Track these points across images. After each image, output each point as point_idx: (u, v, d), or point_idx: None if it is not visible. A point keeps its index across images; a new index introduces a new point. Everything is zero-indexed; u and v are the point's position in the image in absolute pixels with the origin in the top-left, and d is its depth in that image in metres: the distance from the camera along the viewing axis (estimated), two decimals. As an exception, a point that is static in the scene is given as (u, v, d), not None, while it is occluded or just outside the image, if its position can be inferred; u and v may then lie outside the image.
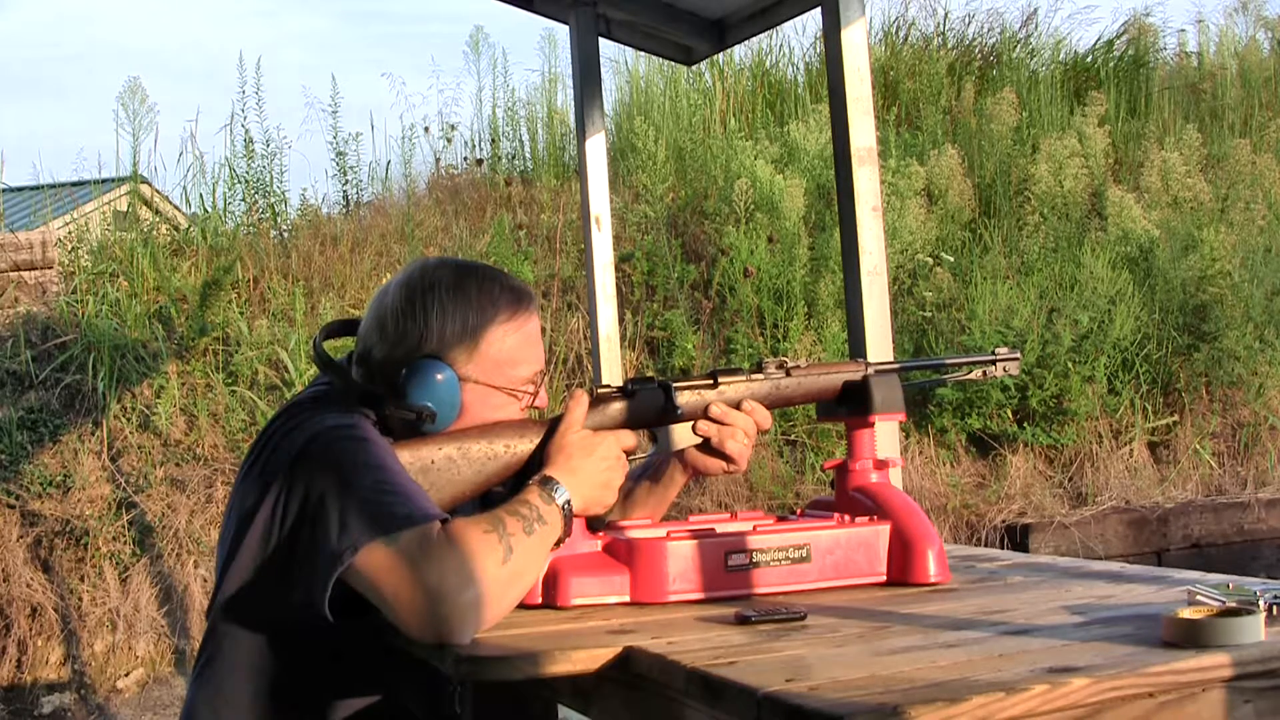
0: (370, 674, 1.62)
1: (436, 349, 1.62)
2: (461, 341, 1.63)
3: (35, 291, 6.07)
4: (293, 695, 1.58)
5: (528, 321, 1.69)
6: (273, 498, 1.50)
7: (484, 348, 1.64)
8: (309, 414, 1.59)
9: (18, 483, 5.27)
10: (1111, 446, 5.96)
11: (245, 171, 7.26)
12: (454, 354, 1.63)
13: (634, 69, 7.91)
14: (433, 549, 1.41)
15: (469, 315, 1.64)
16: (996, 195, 7.01)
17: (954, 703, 0.99)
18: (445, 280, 1.66)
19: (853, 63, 2.62)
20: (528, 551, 1.48)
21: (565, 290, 6.53)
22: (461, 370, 1.63)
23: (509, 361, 1.66)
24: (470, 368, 1.63)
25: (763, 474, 5.76)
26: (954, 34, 8.54)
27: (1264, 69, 8.49)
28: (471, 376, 1.63)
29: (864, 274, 2.58)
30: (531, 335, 1.70)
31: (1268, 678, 1.13)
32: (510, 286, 1.69)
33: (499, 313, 1.66)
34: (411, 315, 1.63)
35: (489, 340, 1.64)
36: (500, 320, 1.65)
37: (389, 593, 1.42)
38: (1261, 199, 6.91)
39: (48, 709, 4.87)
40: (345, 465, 1.49)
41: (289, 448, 1.53)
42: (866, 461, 1.74)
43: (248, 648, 1.57)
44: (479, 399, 1.65)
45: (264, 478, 1.53)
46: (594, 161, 3.37)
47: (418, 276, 1.67)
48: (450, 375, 1.62)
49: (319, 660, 1.57)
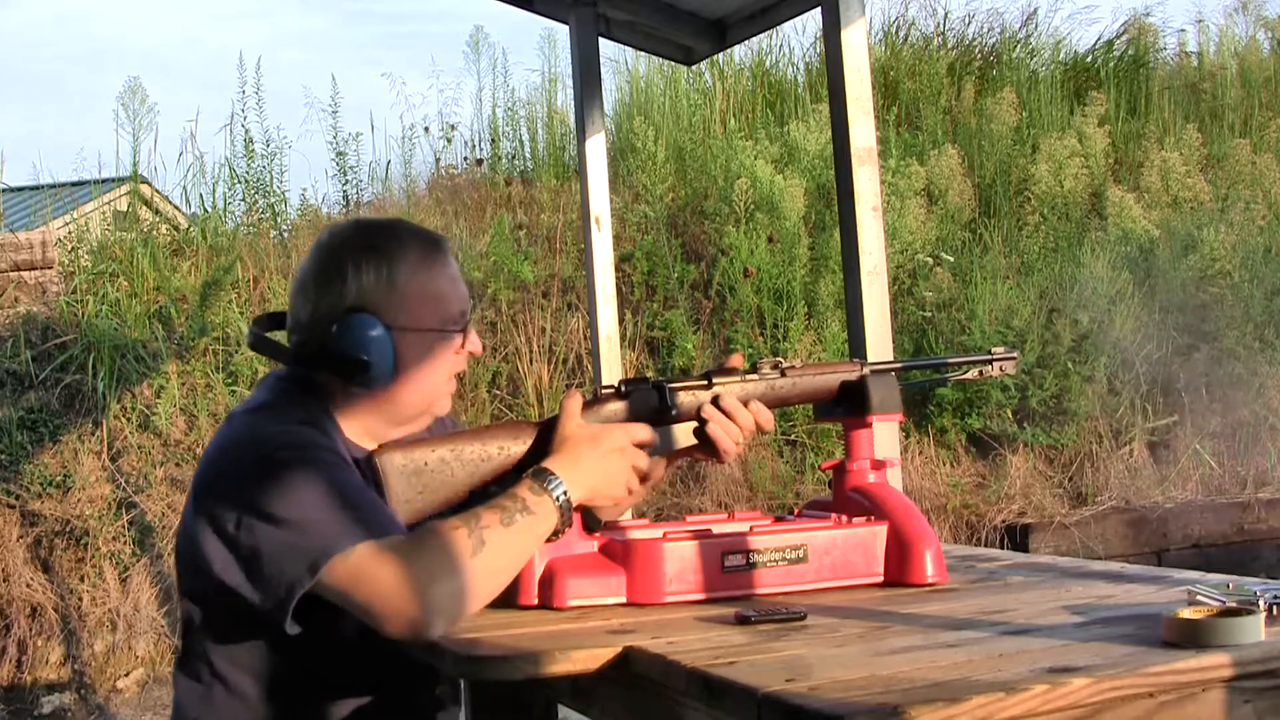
0: (358, 674, 1.62)
1: (358, 302, 1.61)
2: (380, 289, 1.62)
3: (35, 291, 6.06)
4: (283, 695, 1.59)
5: (443, 263, 1.68)
6: (220, 523, 1.50)
7: (403, 289, 1.63)
8: (252, 426, 1.58)
9: (18, 483, 5.27)
10: (1111, 446, 5.96)
11: (245, 171, 7.26)
12: (376, 304, 1.62)
13: (634, 69, 7.92)
14: (399, 550, 1.43)
15: (382, 264, 1.63)
16: (996, 195, 7.01)
17: (954, 703, 0.99)
18: (353, 237, 1.67)
19: (853, 63, 2.62)
20: (505, 544, 1.47)
21: (565, 290, 6.53)
22: (387, 319, 1.61)
23: (433, 299, 1.65)
24: (395, 315, 1.62)
25: (762, 474, 5.76)
26: (954, 34, 8.55)
27: (1264, 69, 8.49)
28: (398, 323, 1.62)
29: (864, 274, 2.58)
30: (451, 275, 1.69)
31: (1268, 678, 1.13)
32: (418, 232, 1.71)
33: (410, 254, 1.65)
34: (328, 275, 1.63)
35: (406, 281, 1.63)
36: (413, 261, 1.65)
37: (360, 600, 1.43)
38: (1261, 199, 6.91)
39: (48, 709, 4.87)
40: (294, 483, 1.48)
41: (229, 470, 1.53)
42: (864, 462, 1.73)
43: (229, 654, 1.58)
44: (412, 347, 1.63)
45: (208, 498, 1.53)
46: (594, 161, 3.37)
47: (326, 239, 1.68)
48: (377, 324, 1.60)
49: (308, 661, 1.57)
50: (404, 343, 1.62)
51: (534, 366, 6.17)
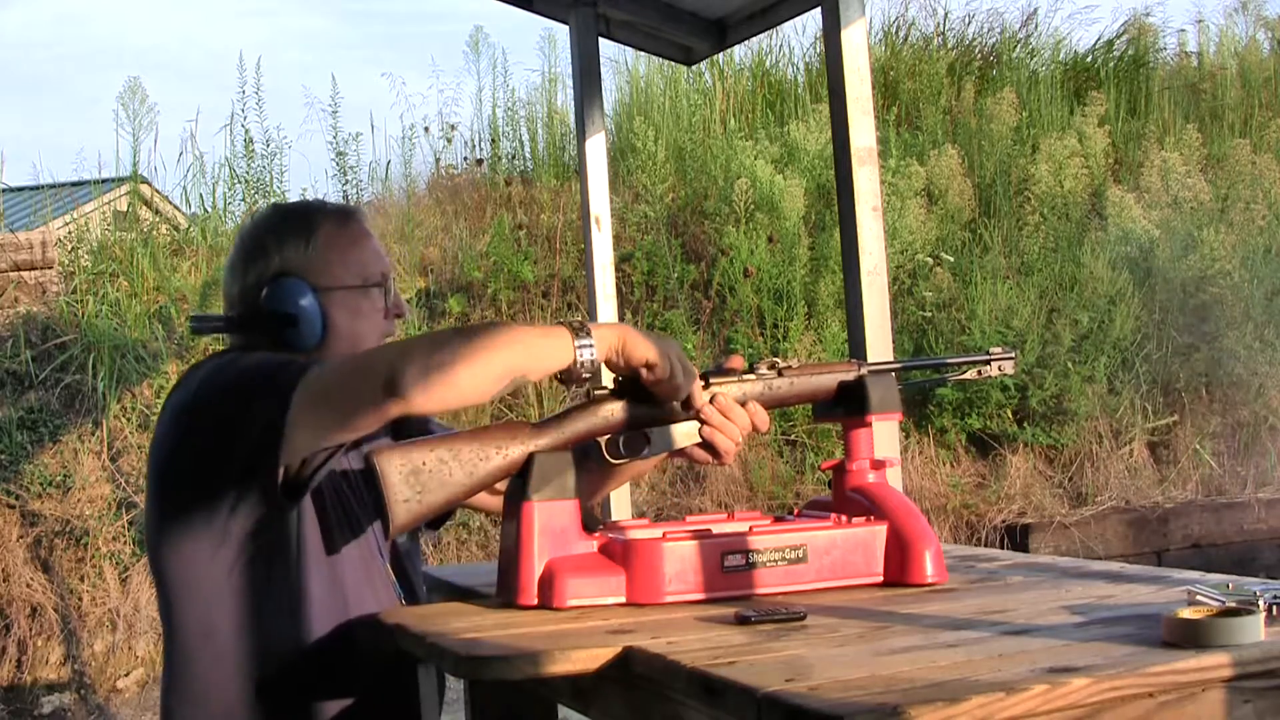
0: (346, 676, 1.62)
1: (282, 268, 1.71)
2: (301, 255, 1.71)
3: (35, 291, 6.07)
4: (269, 697, 1.59)
5: (358, 229, 1.78)
6: (190, 434, 1.60)
7: (323, 252, 1.72)
8: (193, 368, 1.68)
9: (18, 483, 5.27)
10: (1111, 446, 5.96)
11: (245, 171, 7.27)
12: (300, 268, 1.71)
13: (634, 69, 7.91)
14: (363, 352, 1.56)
15: (301, 234, 1.73)
16: (996, 195, 7.01)
17: (954, 703, 0.99)
18: (273, 217, 1.78)
19: (853, 63, 2.63)
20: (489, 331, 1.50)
21: (565, 290, 6.53)
22: (311, 280, 1.70)
23: (353, 259, 1.74)
24: (318, 276, 1.71)
25: (763, 474, 5.76)
26: (954, 34, 8.55)
27: (1264, 69, 8.49)
28: (321, 283, 1.71)
29: (864, 274, 2.58)
30: (367, 240, 1.78)
31: (1268, 678, 1.13)
32: (332, 206, 1.81)
33: (326, 223, 1.75)
34: (253, 253, 1.74)
35: (325, 245, 1.73)
36: (329, 228, 1.75)
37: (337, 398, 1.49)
38: (1261, 199, 6.91)
39: (48, 709, 4.87)
40: (244, 370, 1.59)
41: (184, 400, 1.64)
42: (863, 462, 1.73)
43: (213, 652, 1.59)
44: (340, 306, 1.71)
45: (173, 412, 1.64)
46: (594, 161, 3.37)
47: (248, 224, 1.80)
48: (302, 285, 1.70)
49: (293, 664, 1.58)
50: (329, 301, 1.71)
51: (534, 366, 6.16)
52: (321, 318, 1.70)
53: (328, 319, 1.70)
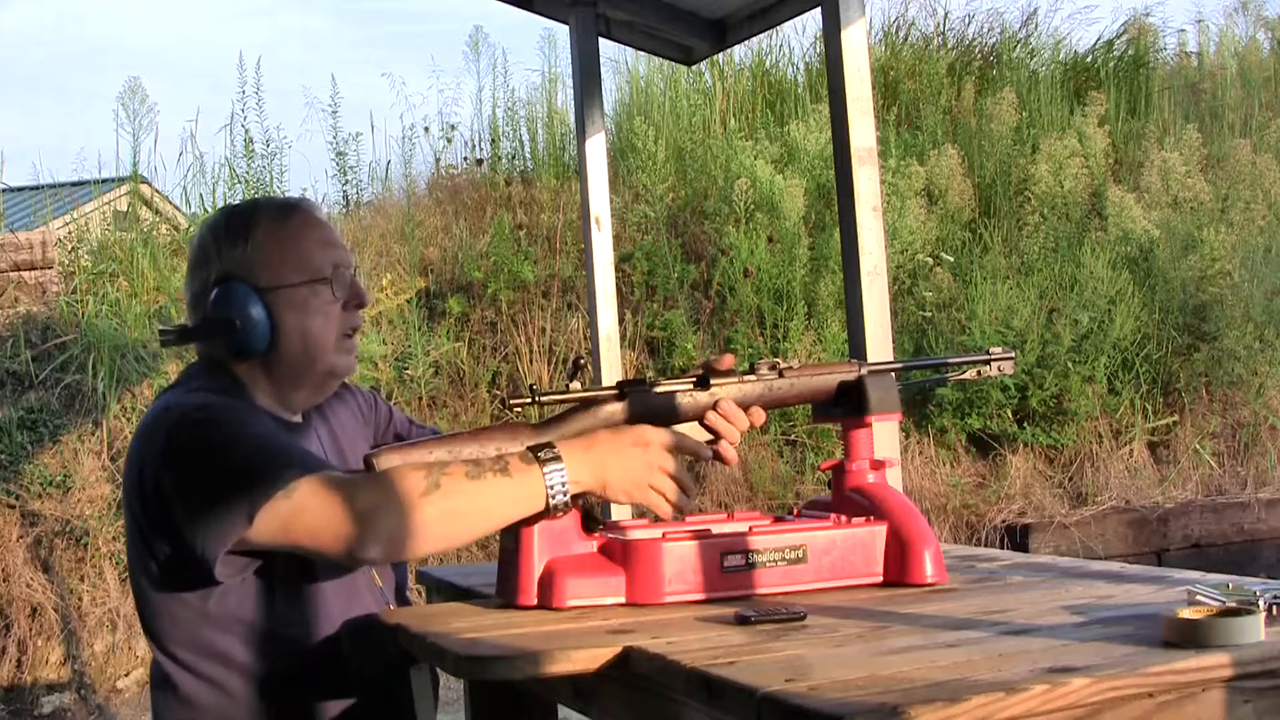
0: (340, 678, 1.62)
1: (223, 272, 1.67)
2: (241, 257, 1.67)
3: (35, 291, 6.07)
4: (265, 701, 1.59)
5: (301, 222, 1.72)
6: (154, 500, 1.54)
7: (263, 251, 1.67)
8: (162, 403, 1.63)
9: (18, 483, 5.27)
10: (1111, 446, 5.96)
11: (245, 171, 7.27)
12: (242, 270, 1.67)
13: (634, 69, 7.91)
14: (344, 483, 1.48)
15: (240, 235, 1.69)
16: (996, 195, 7.01)
17: (954, 703, 0.99)
18: (218, 220, 1.73)
19: (853, 63, 2.63)
20: (464, 492, 1.48)
21: (565, 290, 6.53)
22: (252, 281, 1.66)
23: (293, 255, 1.69)
24: (259, 276, 1.67)
25: (762, 474, 5.76)
26: (954, 34, 8.55)
27: (1264, 69, 8.49)
28: (262, 283, 1.66)
29: (864, 274, 2.58)
30: (313, 233, 1.72)
31: (1268, 678, 1.13)
32: (276, 201, 1.77)
33: (265, 220, 1.70)
34: (198, 259, 1.71)
35: (264, 243, 1.68)
36: (268, 225, 1.70)
37: (301, 530, 1.47)
38: (1261, 199, 6.90)
39: (48, 709, 4.87)
40: (215, 440, 1.54)
41: (148, 446, 1.58)
42: (863, 462, 1.73)
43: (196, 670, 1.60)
44: (286, 305, 1.67)
45: (136, 480, 1.58)
46: (594, 161, 3.37)
47: (200, 228, 1.76)
48: (243, 287, 1.66)
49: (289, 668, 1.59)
50: (274, 301, 1.67)
51: (534, 366, 6.17)
52: (269, 319, 1.66)
53: (275, 320, 1.66)
